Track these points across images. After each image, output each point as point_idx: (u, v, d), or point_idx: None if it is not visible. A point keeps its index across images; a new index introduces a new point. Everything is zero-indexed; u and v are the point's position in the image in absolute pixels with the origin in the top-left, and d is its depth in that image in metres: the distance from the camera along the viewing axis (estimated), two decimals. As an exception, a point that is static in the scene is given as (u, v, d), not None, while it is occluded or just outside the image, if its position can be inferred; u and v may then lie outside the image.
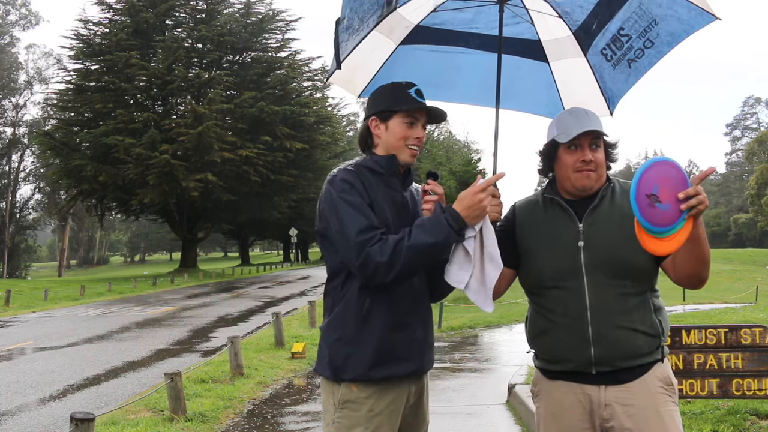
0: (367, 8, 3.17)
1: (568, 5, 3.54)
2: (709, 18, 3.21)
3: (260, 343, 14.01)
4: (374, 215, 2.86)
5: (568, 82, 3.77)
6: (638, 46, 3.43)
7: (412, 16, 3.58)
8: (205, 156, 47.64)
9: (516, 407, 8.05)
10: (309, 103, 55.98)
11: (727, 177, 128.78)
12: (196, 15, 54.98)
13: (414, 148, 3.02)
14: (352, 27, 3.19)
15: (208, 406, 8.55)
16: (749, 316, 15.89)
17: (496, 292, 3.13)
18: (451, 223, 2.78)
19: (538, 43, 3.75)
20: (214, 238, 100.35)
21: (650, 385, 2.95)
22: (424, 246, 2.76)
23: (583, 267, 2.96)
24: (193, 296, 29.82)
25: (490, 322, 17.58)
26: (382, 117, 3.02)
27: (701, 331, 6.47)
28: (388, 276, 2.76)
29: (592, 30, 3.53)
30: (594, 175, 3.00)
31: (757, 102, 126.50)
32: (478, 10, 3.61)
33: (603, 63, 3.61)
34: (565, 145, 3.00)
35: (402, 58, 3.63)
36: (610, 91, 3.68)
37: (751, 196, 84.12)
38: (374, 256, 2.74)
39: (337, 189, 2.90)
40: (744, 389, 6.36)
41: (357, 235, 2.78)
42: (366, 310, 2.89)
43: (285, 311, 20.19)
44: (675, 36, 3.35)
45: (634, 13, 3.34)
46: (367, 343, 2.89)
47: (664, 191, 2.63)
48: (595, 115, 3.08)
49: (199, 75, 52.40)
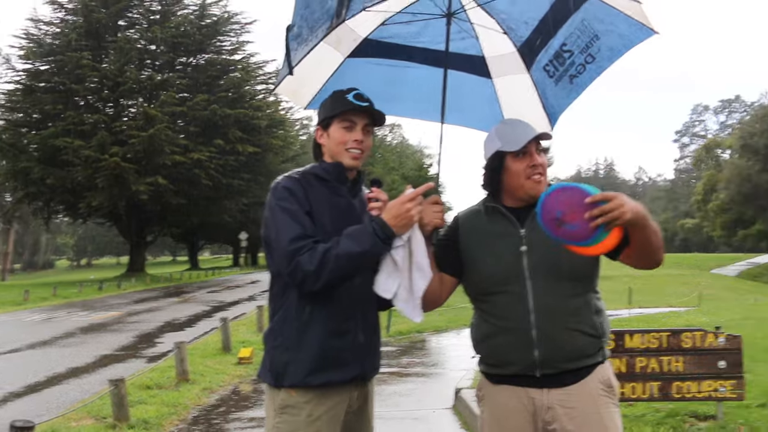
0: (317, 17, 3.19)
1: (513, 21, 3.59)
2: (648, 32, 3.29)
3: (207, 349, 13.90)
4: (311, 223, 2.89)
5: (510, 99, 3.81)
6: (580, 62, 3.48)
7: (361, 28, 3.59)
8: (156, 159, 47.05)
9: (462, 412, 8.12)
10: (262, 107, 55.65)
11: (675, 183, 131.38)
12: (149, 16, 54.26)
13: (354, 151, 3.04)
14: (302, 36, 3.21)
15: (152, 412, 8.45)
16: (692, 320, 16.22)
17: (437, 300, 3.19)
18: (378, 232, 2.82)
19: (482, 59, 3.79)
20: (162, 242, 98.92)
21: (591, 388, 3.01)
22: (350, 255, 2.79)
23: (525, 271, 3.01)
24: (140, 301, 29.35)
25: (438, 327, 17.65)
26: (324, 125, 3.07)
27: (644, 335, 6.62)
28: (315, 284, 2.80)
29: (535, 46, 3.58)
30: (544, 179, 3.06)
31: (705, 110, 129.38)
32: (425, 24, 3.64)
33: (546, 79, 3.65)
34: (512, 154, 3.05)
35: (349, 70, 3.64)
36: (552, 108, 3.72)
37: (698, 202, 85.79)
38: (303, 264, 2.78)
39: (277, 197, 2.94)
40: (684, 392, 6.53)
41: (289, 244, 2.81)
42: (306, 317, 2.92)
43: (233, 316, 20.04)
44: (615, 51, 3.41)
45: (577, 29, 3.40)
46: (306, 349, 2.91)
47: (568, 214, 2.71)
48: (530, 123, 3.16)
49: (152, 77, 51.73)
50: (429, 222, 3.08)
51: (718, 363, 6.50)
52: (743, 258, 76.44)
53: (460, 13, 3.60)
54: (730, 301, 33.88)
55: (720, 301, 33.44)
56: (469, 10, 3.61)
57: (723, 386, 6.47)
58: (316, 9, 3.16)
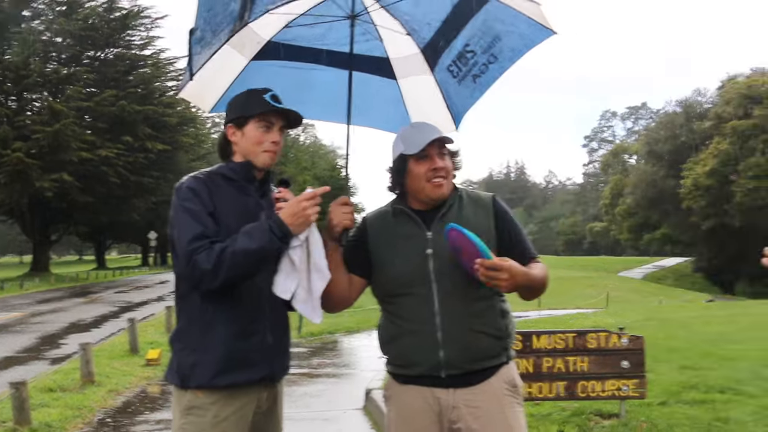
0: (219, 20, 3.14)
1: (417, 23, 3.61)
2: (547, 33, 3.35)
3: (114, 350, 13.63)
4: (213, 224, 2.87)
5: (415, 99, 3.85)
6: (482, 62, 3.53)
7: (264, 31, 3.56)
8: (62, 155, 45.59)
9: (372, 412, 8.16)
10: (173, 104, 54.51)
11: (584, 187, 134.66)
12: (55, 7, 52.44)
13: (271, 152, 3.04)
14: (205, 39, 3.16)
15: (55, 416, 8.22)
16: (599, 321, 16.68)
17: (346, 301, 3.21)
18: (274, 229, 2.81)
19: (387, 61, 3.81)
20: (68, 241, 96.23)
21: (496, 387, 3.07)
22: (246, 251, 2.78)
23: (431, 274, 3.04)
24: (44, 301, 28.47)
25: (350, 328, 17.72)
26: (238, 123, 3.04)
27: (550, 336, 6.76)
28: (213, 282, 2.79)
29: (439, 47, 3.61)
30: (446, 182, 3.09)
31: (613, 116, 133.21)
32: (329, 26, 3.64)
33: (449, 79, 3.69)
34: (414, 157, 3.08)
35: (253, 74, 3.62)
36: (456, 107, 3.77)
37: (606, 206, 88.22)
38: (200, 263, 2.77)
39: (180, 197, 2.93)
40: (589, 391, 6.69)
41: (188, 244, 2.80)
42: (209, 318, 2.89)
43: (141, 317, 19.66)
44: (516, 51, 3.47)
45: (479, 29, 3.44)
46: (211, 350, 2.88)
47: (464, 254, 2.89)
48: (436, 127, 3.19)
49: (58, 70, 50.12)
50: (338, 223, 3.10)
51: (622, 363, 6.69)
52: (649, 261, 79.20)
53: (363, 14, 3.60)
54: (635, 303, 35.13)
55: (626, 303, 34.61)
56: (372, 12, 3.62)
57: (626, 385, 6.66)
58: (218, 12, 3.12)
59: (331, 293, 3.12)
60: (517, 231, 3.19)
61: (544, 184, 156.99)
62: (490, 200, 3.21)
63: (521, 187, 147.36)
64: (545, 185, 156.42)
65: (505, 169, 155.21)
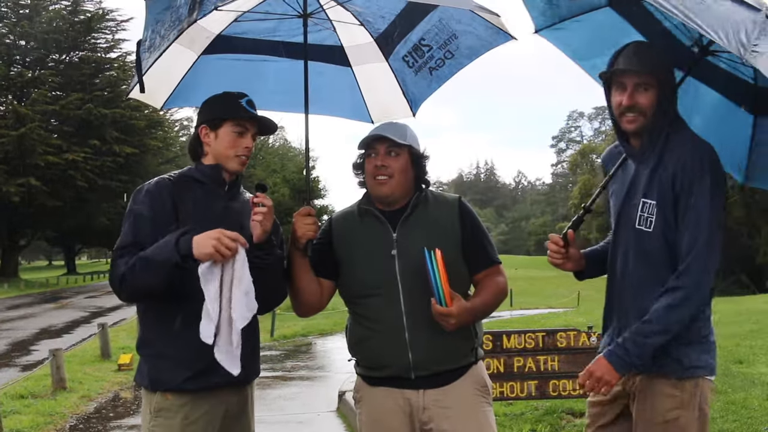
0: (168, 26, 3.14)
1: (371, 15, 3.67)
2: (506, 37, 3.43)
3: (85, 356, 13.55)
4: (150, 232, 2.85)
5: (371, 85, 3.92)
6: (439, 56, 3.62)
7: (213, 26, 3.58)
8: (28, 159, 45.09)
9: (346, 414, 8.16)
10: (140, 107, 53.90)
11: (553, 187, 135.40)
12: (18, 10, 51.79)
13: (243, 157, 3.03)
14: (155, 45, 3.16)
15: (26, 423, 8.14)
16: (570, 320, 16.82)
17: (318, 304, 3.22)
18: (180, 245, 2.76)
19: (341, 49, 3.86)
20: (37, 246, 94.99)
21: (466, 388, 3.09)
22: (149, 260, 2.78)
23: (398, 275, 3.05)
24: (13, 307, 28.12)
25: (323, 330, 17.72)
26: (212, 125, 3.02)
27: (521, 336, 6.80)
28: (121, 293, 2.84)
29: (393, 38, 3.69)
30: (391, 182, 3.07)
31: (580, 116, 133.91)
32: (281, 19, 3.65)
33: (405, 69, 3.78)
34: (366, 153, 3.12)
35: (204, 67, 3.64)
36: (413, 95, 3.86)
37: (575, 206, 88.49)
38: (118, 268, 2.81)
39: (136, 200, 2.94)
40: (560, 390, 6.73)
41: (116, 249, 2.84)
42: (179, 323, 2.87)
43: (112, 322, 19.54)
44: (474, 50, 3.56)
45: (434, 26, 3.52)
46: (182, 355, 2.87)
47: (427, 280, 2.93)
48: (405, 126, 3.18)
49: (22, 74, 49.51)
50: (302, 235, 3.07)
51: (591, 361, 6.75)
52: (619, 259, 79.59)
53: (319, 12, 3.63)
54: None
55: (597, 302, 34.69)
56: (327, 10, 3.66)
57: (596, 384, 6.73)
58: (166, 20, 3.11)
59: (301, 300, 3.14)
60: (480, 235, 3.19)
61: (514, 184, 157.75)
62: (455, 202, 3.22)
63: (491, 188, 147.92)
64: (515, 186, 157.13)
65: (474, 170, 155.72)
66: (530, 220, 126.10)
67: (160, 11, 3.07)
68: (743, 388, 7.67)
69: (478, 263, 3.15)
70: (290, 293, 3.19)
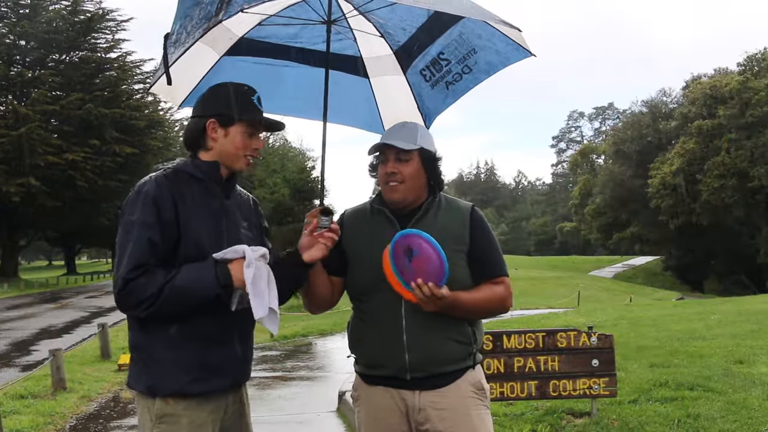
0: (195, 23, 3.14)
1: (392, 27, 3.66)
2: (525, 53, 3.42)
3: (85, 356, 13.52)
4: (162, 239, 2.80)
5: (387, 98, 3.90)
6: (456, 71, 3.61)
7: (237, 28, 3.58)
8: (28, 159, 45.14)
9: (346, 414, 8.14)
10: (140, 107, 54.11)
11: (553, 187, 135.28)
12: (18, 10, 51.78)
13: (251, 157, 2.99)
14: (180, 41, 3.16)
15: (26, 423, 8.12)
16: (570, 320, 16.78)
17: (330, 301, 3.24)
18: (219, 275, 2.78)
19: (360, 60, 3.85)
20: (37, 246, 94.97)
21: (462, 390, 3.09)
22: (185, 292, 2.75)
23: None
24: (14, 307, 28.15)
25: (323, 330, 17.71)
26: (223, 122, 2.92)
27: (521, 336, 6.79)
28: (139, 314, 2.79)
29: (413, 51, 3.67)
30: (402, 187, 3.09)
31: (580, 116, 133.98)
32: (303, 25, 3.66)
33: (422, 82, 3.76)
34: (379, 158, 3.15)
35: (225, 68, 3.62)
36: (428, 109, 3.83)
37: (575, 206, 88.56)
38: (137, 290, 2.73)
39: (143, 210, 2.82)
40: (560, 390, 6.73)
41: (132, 270, 2.75)
42: (175, 331, 2.84)
43: (112, 322, 19.46)
44: (492, 65, 3.55)
45: (455, 40, 3.50)
46: (180, 359, 2.84)
47: (419, 260, 2.89)
48: (416, 127, 3.20)
49: (22, 74, 49.56)
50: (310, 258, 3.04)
51: (592, 361, 6.74)
52: (619, 260, 79.79)
53: (341, 20, 3.64)
54: (606, 302, 35.39)
55: (597, 302, 34.87)
56: (350, 18, 3.66)
57: (597, 384, 6.71)
58: (195, 16, 3.11)
59: (313, 297, 3.16)
60: (490, 246, 3.19)
61: (514, 184, 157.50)
62: (468, 209, 3.21)
63: (491, 188, 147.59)
64: (515, 186, 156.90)
65: (474, 170, 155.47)
66: (530, 220, 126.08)
67: (190, 6, 3.07)
68: (743, 388, 7.66)
69: (483, 273, 3.14)
70: (302, 290, 3.20)
